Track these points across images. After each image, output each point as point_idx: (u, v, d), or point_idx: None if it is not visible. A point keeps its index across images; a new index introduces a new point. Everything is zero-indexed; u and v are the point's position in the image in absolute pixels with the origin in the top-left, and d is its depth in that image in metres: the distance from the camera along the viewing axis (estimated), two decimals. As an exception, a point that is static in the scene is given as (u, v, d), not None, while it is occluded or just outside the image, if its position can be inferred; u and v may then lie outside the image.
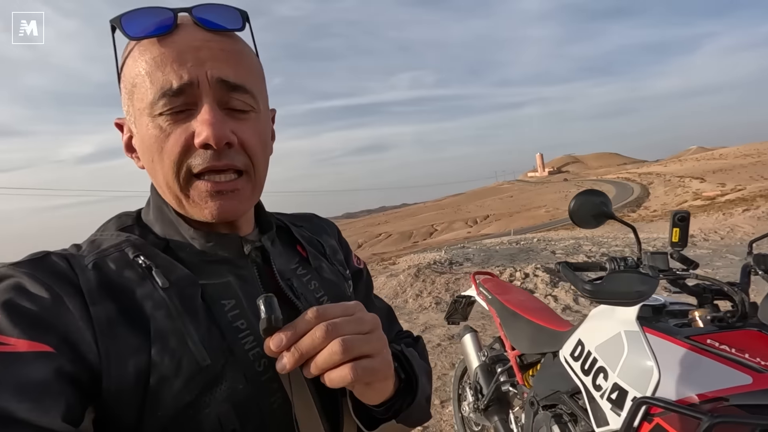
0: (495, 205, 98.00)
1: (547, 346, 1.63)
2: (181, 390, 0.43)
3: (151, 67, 0.46)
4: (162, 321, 0.44)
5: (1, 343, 0.38)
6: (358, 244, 71.24)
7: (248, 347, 0.48)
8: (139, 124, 0.48)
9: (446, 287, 6.03)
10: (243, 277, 0.53)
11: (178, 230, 0.52)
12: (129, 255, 0.48)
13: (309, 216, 0.75)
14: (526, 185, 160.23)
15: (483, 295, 2.08)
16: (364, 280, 0.74)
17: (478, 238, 36.70)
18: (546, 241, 10.93)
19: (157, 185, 0.52)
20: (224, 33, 0.49)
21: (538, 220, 60.91)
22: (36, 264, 0.45)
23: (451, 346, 3.93)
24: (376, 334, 0.47)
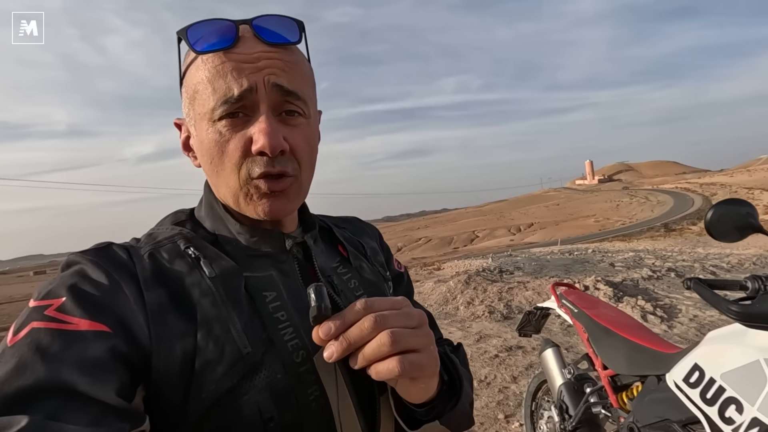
0: (540, 213, 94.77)
1: (649, 368, 1.50)
2: (223, 375, 0.45)
3: (213, 76, 0.49)
4: (208, 308, 0.47)
5: (67, 322, 0.41)
6: (397, 248, 71.24)
7: (287, 338, 0.49)
8: (199, 127, 0.52)
9: (499, 296, 5.85)
10: (284, 272, 0.55)
11: (226, 226, 0.56)
12: (180, 246, 0.51)
13: (351, 219, 0.77)
14: (574, 193, 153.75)
15: (566, 308, 1.96)
16: (405, 284, 0.74)
17: (522, 246, 35.55)
18: (602, 253, 10.37)
19: (214, 184, 0.55)
20: (284, 46, 0.52)
21: (587, 230, 58.16)
22: (99, 253, 0.49)
23: (510, 358, 3.78)
24: (423, 329, 0.47)
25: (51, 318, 0.41)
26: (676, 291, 5.68)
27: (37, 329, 0.40)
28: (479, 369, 3.61)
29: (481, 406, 2.97)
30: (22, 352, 0.39)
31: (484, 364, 3.70)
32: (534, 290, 5.93)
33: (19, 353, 0.39)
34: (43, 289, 0.45)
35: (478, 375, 3.48)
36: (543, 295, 5.71)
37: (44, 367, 0.38)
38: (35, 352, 0.39)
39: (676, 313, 4.75)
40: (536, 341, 4.08)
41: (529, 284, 6.23)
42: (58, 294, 0.43)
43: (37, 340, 0.39)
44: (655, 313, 4.70)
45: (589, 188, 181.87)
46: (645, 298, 5.21)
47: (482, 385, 3.30)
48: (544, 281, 6.31)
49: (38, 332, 0.40)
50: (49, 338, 0.40)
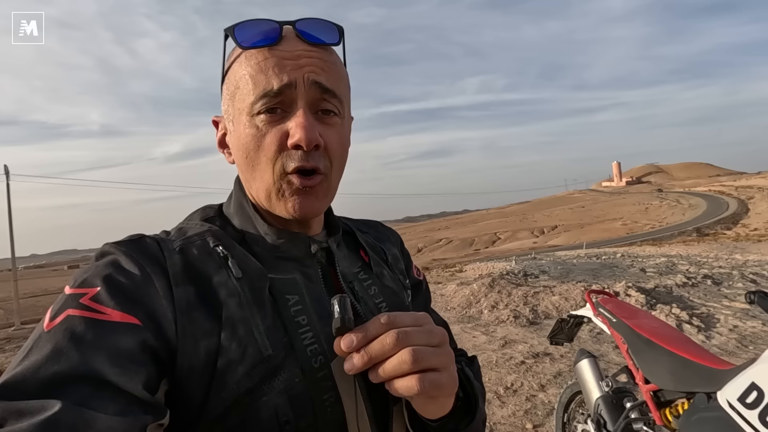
0: (564, 215, 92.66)
1: (697, 385, 1.41)
2: (244, 376, 0.45)
3: (255, 71, 0.50)
4: (233, 308, 0.47)
5: (101, 312, 0.42)
6: (417, 249, 70.98)
7: (307, 343, 0.49)
8: (237, 122, 0.53)
9: (524, 300, 5.71)
10: (308, 276, 0.55)
11: (254, 225, 0.56)
12: (210, 244, 0.51)
13: (374, 223, 0.76)
14: (600, 195, 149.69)
15: (603, 317, 1.87)
16: (423, 292, 0.74)
17: (546, 249, 34.84)
18: (632, 257, 10.02)
19: (247, 179, 0.55)
20: (322, 46, 0.53)
21: (614, 233, 56.47)
22: (132, 244, 0.49)
23: (537, 365, 3.67)
24: (444, 348, 0.47)
25: (86, 307, 0.42)
26: (714, 299, 5.41)
27: (72, 316, 0.41)
28: (505, 375, 3.52)
29: (507, 415, 2.89)
30: (57, 338, 0.40)
31: (510, 371, 3.60)
32: (561, 295, 5.76)
33: (54, 339, 0.40)
34: (79, 277, 0.46)
35: (504, 381, 3.39)
36: (570, 301, 5.54)
37: (78, 354, 0.39)
38: (70, 339, 0.40)
39: (714, 323, 4.52)
40: (565, 349, 3.95)
41: (555, 289, 6.06)
42: (93, 283, 0.44)
43: (72, 328, 0.40)
44: (691, 322, 4.49)
45: (617, 190, 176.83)
46: (680, 306, 4.99)
47: (508, 393, 3.21)
48: (571, 286, 6.12)
49: (73, 319, 0.41)
50: (84, 326, 0.41)
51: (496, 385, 3.36)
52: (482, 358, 3.94)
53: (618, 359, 3.65)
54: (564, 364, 3.65)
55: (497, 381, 3.43)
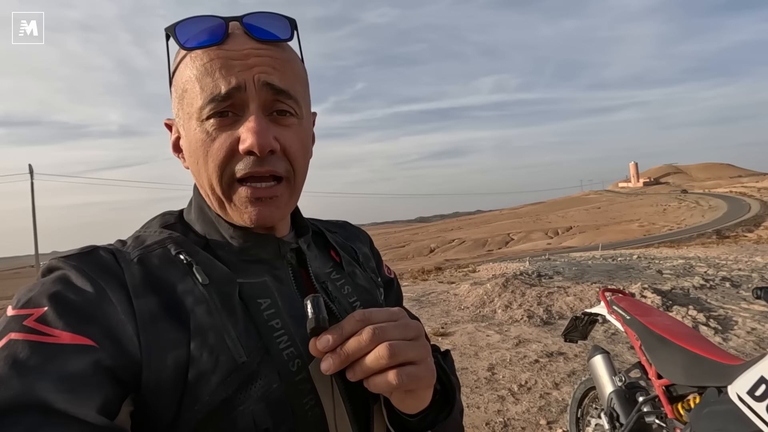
0: (579, 217, 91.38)
1: (708, 380, 1.46)
2: (218, 386, 0.43)
3: (201, 73, 0.48)
4: (202, 316, 0.45)
5: (47, 334, 0.39)
6: (430, 249, 70.80)
7: (282, 347, 0.48)
8: (188, 127, 0.50)
9: (538, 300, 5.73)
10: (279, 278, 0.53)
11: (218, 230, 0.53)
12: (171, 251, 0.49)
13: (342, 223, 0.75)
14: (617, 196, 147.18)
15: (617, 314, 1.92)
16: (395, 289, 0.74)
17: (560, 250, 34.45)
18: (648, 259, 9.91)
19: (200, 186, 0.53)
20: (274, 43, 0.50)
21: (630, 235, 55.53)
22: (84, 258, 0.46)
23: (551, 364, 3.71)
24: (420, 341, 0.46)
25: (30, 329, 0.39)
26: (732, 302, 5.35)
27: (15, 341, 0.38)
28: (519, 373, 3.56)
29: (522, 411, 2.94)
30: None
31: (524, 369, 3.65)
32: (575, 296, 5.77)
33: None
34: (23, 297, 0.42)
35: (518, 379, 3.44)
36: (585, 301, 5.54)
37: (20, 382, 0.36)
38: (11, 366, 0.36)
39: (731, 325, 4.48)
40: (578, 348, 3.98)
41: (570, 289, 6.06)
42: (39, 303, 0.41)
43: (14, 353, 0.37)
44: (708, 324, 4.46)
45: (634, 191, 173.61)
46: (697, 308, 4.96)
47: (522, 390, 3.26)
48: (585, 287, 6.11)
49: (16, 344, 0.38)
50: (27, 351, 0.37)
51: (510, 382, 3.42)
52: (496, 357, 3.99)
53: (632, 359, 3.66)
54: (578, 363, 3.68)
55: (511, 379, 3.48)
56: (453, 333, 4.92)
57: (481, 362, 3.92)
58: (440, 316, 5.84)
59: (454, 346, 4.41)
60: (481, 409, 3.02)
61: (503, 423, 2.80)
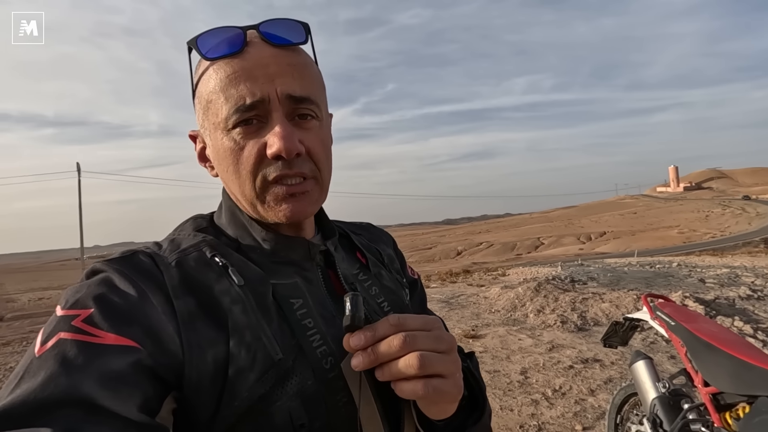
0: (614, 221, 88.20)
1: (760, 388, 1.42)
2: (256, 382, 0.45)
3: (225, 85, 0.50)
4: (239, 316, 0.47)
5: (93, 335, 0.41)
6: (457, 252, 70.10)
7: (315, 345, 0.49)
8: (214, 137, 0.52)
9: (572, 306, 5.62)
10: (308, 279, 0.55)
11: (250, 233, 0.55)
12: (207, 254, 0.51)
13: (366, 225, 0.76)
14: (654, 201, 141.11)
15: (661, 320, 1.89)
16: (419, 290, 0.74)
17: (594, 256, 33.38)
18: (689, 267, 9.50)
19: (231, 192, 0.55)
20: (289, 47, 0.52)
21: (668, 242, 53.12)
22: (125, 261, 0.48)
23: (586, 370, 3.65)
24: (451, 355, 0.47)
25: (78, 329, 0.41)
26: (782, 314, 5.08)
27: (64, 340, 0.40)
28: (552, 378, 3.53)
29: (556, 416, 2.92)
30: (48, 363, 0.39)
31: (558, 374, 3.60)
32: (611, 302, 5.62)
33: (46, 364, 0.39)
34: (71, 298, 0.44)
35: (552, 384, 3.41)
36: (622, 308, 5.39)
37: (68, 379, 0.38)
38: (61, 364, 0.39)
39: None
40: (615, 356, 3.89)
41: (605, 296, 5.91)
42: (85, 304, 0.43)
43: (63, 352, 0.39)
44: (755, 336, 4.26)
45: (673, 196, 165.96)
46: (743, 319, 4.73)
47: (557, 395, 3.23)
48: (622, 294, 5.94)
49: (65, 343, 0.40)
50: (75, 350, 0.40)
51: (543, 387, 3.39)
52: (528, 361, 3.96)
53: (671, 368, 3.55)
54: (615, 371, 3.61)
55: (545, 383, 3.45)
56: (484, 336, 4.90)
57: (513, 365, 3.89)
58: (470, 319, 5.82)
59: (485, 349, 4.40)
60: (514, 412, 3.02)
61: (537, 427, 2.79)
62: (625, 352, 3.88)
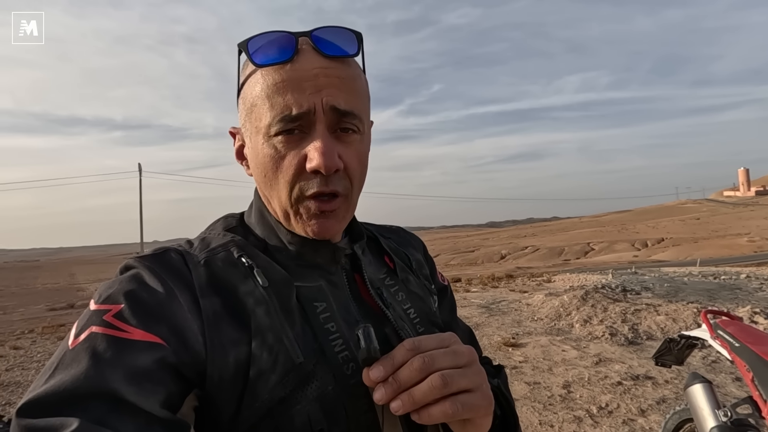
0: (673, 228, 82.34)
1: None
2: (277, 384, 0.44)
3: (271, 91, 0.49)
4: (262, 317, 0.46)
5: (123, 330, 0.42)
6: (501, 255, 68.36)
7: (338, 350, 0.48)
8: (255, 140, 0.52)
9: (623, 317, 5.26)
10: (333, 283, 0.54)
11: (277, 235, 0.55)
12: (234, 254, 0.51)
13: (396, 229, 0.75)
14: (721, 206, 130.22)
15: (723, 339, 1.70)
16: (449, 297, 0.72)
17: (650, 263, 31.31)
18: (760, 279, 8.63)
19: (265, 196, 0.55)
20: (341, 58, 0.51)
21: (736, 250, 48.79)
22: (156, 259, 0.49)
23: (636, 388, 3.39)
24: (473, 368, 0.45)
25: (109, 324, 0.42)
26: None
27: (96, 334, 0.42)
28: (599, 395, 3.31)
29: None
30: (80, 356, 0.40)
31: (605, 391, 3.37)
32: (668, 315, 5.21)
33: (78, 357, 0.40)
34: (104, 293, 0.46)
35: (598, 401, 3.19)
36: (679, 322, 4.99)
37: (98, 372, 0.39)
38: (91, 356, 0.40)
39: None
40: (670, 374, 3.59)
41: (660, 308, 5.49)
42: (117, 300, 0.44)
43: (94, 345, 0.41)
44: (840, 360, 3.78)
45: (743, 201, 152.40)
46: (825, 340, 4.22)
47: (602, 413, 3.02)
48: (680, 306, 5.49)
49: (96, 337, 0.41)
50: (105, 345, 0.41)
51: (588, 403, 3.18)
52: (572, 374, 3.74)
53: (738, 392, 3.22)
54: (669, 390, 3.33)
55: (589, 399, 3.24)
56: (525, 345, 4.70)
57: (555, 378, 3.70)
58: (511, 326, 5.61)
59: (525, 359, 4.22)
60: (554, 428, 2.86)
61: (580, 446, 2.62)
62: (682, 371, 3.56)
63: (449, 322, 0.67)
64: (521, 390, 3.48)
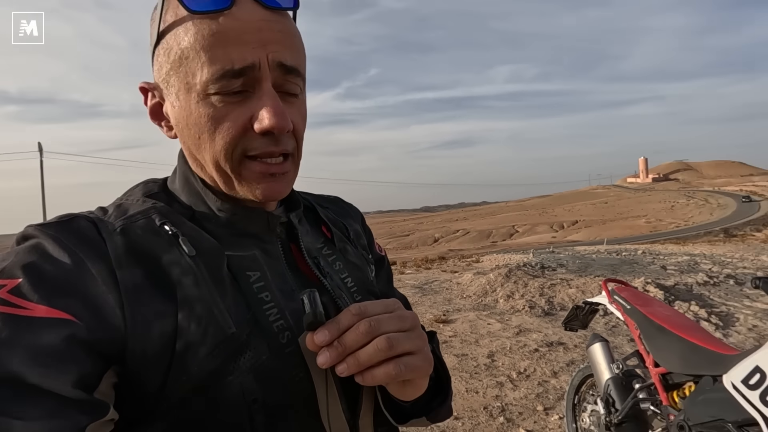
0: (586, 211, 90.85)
1: (704, 368, 1.48)
2: (206, 357, 0.43)
3: (208, 43, 0.44)
4: (189, 288, 0.44)
5: (22, 307, 0.38)
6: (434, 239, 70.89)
7: (272, 319, 0.47)
8: (185, 98, 0.47)
9: (540, 291, 5.76)
10: (268, 252, 0.53)
11: (204, 201, 0.52)
12: (156, 222, 0.47)
13: (334, 198, 0.73)
14: (625, 191, 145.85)
15: (618, 304, 1.94)
16: (386, 268, 0.73)
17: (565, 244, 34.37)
18: (653, 255, 9.89)
19: (196, 160, 0.51)
20: (280, 12, 0.48)
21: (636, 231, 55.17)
22: (62, 227, 0.44)
23: (550, 353, 3.76)
24: (416, 331, 0.47)
25: (4, 301, 0.38)
26: (735, 299, 5.35)
27: None
28: (518, 361, 3.61)
29: (519, 397, 3.00)
30: None
31: (524, 357, 3.70)
32: (578, 288, 5.79)
33: None
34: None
35: (517, 367, 3.49)
36: (588, 294, 5.56)
37: None
38: None
39: (732, 322, 4.50)
40: (578, 339, 4.02)
41: (572, 282, 6.09)
42: (13, 274, 0.40)
43: None
44: (709, 320, 4.48)
45: (642, 187, 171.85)
46: (699, 303, 4.96)
47: (521, 377, 3.32)
48: (588, 280, 6.13)
49: None
50: (1, 324, 0.37)
51: (509, 369, 3.47)
52: (496, 345, 4.04)
53: (630, 350, 3.70)
54: (577, 353, 3.73)
55: (510, 366, 3.54)
56: (455, 320, 4.97)
57: (481, 349, 3.97)
58: (442, 304, 5.89)
59: (455, 333, 4.47)
60: (479, 394, 3.08)
61: (501, 408, 2.86)
62: (588, 335, 4.01)
63: (386, 292, 0.68)
64: (450, 362, 3.69)
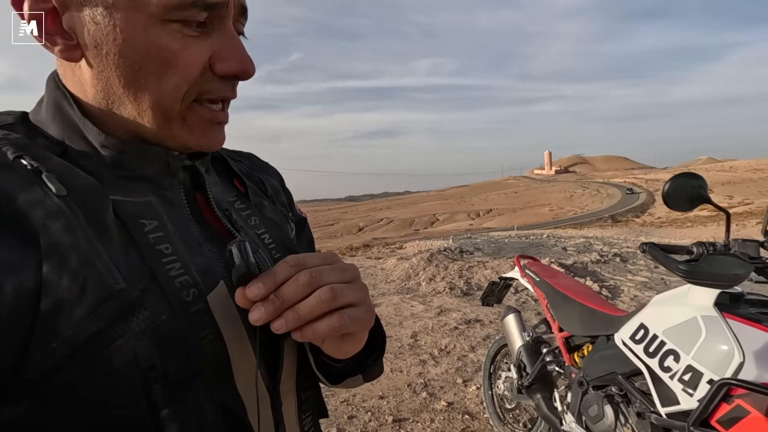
0: (499, 200, 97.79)
1: (600, 329, 1.66)
2: (85, 318, 0.35)
3: None
4: (58, 234, 0.36)
5: None
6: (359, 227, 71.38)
7: (174, 274, 0.40)
8: (125, 17, 0.39)
9: (459, 273, 6.07)
10: (168, 199, 0.45)
11: (83, 134, 0.42)
12: (8, 156, 0.38)
13: (248, 154, 0.67)
14: (532, 182, 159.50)
15: (529, 277, 2.10)
16: (307, 231, 0.69)
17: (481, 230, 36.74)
18: (555, 238, 10.95)
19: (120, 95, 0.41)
20: None
21: (542, 218, 60.78)
22: None
23: (468, 330, 3.98)
24: (358, 282, 0.45)
25: None
26: (620, 274, 6.13)
27: None
28: (440, 339, 3.78)
29: (441, 372, 3.13)
30: None
31: (445, 335, 3.87)
32: (493, 269, 6.20)
33: None
34: None
35: (439, 344, 3.65)
36: (502, 274, 6.00)
37: None
38: None
39: (619, 293, 5.15)
40: (494, 315, 4.31)
41: (488, 263, 6.51)
42: None
43: None
44: (601, 292, 5.08)
45: (547, 178, 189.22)
46: (593, 279, 5.60)
47: (442, 354, 3.47)
48: (502, 261, 6.60)
49: None
50: None
51: (431, 347, 3.61)
52: (419, 325, 4.18)
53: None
54: (492, 329, 4.00)
55: (432, 344, 3.68)
56: (379, 304, 5.05)
57: (405, 330, 4.08)
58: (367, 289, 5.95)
59: (380, 316, 4.53)
60: (404, 372, 3.17)
61: (424, 384, 2.97)
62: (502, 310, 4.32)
63: None
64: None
